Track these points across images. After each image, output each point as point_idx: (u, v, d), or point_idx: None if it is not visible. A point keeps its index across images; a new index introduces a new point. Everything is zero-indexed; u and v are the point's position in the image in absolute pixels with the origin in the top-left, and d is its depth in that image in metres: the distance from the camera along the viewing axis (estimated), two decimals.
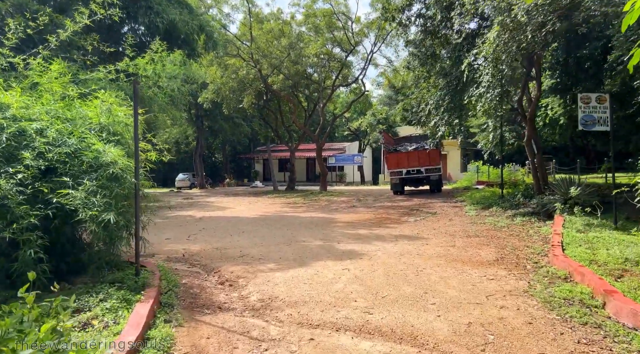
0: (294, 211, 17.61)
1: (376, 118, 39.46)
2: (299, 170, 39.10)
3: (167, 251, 9.63)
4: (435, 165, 20.33)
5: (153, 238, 11.68)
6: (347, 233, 11.29)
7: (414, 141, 23.87)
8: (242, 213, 17.10)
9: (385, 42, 23.51)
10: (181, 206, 21.11)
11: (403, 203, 18.13)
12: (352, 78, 26.33)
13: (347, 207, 18.04)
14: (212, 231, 12.36)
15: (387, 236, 10.65)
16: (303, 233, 11.62)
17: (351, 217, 14.80)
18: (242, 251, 9.23)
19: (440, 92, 14.56)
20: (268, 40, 22.05)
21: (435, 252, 8.57)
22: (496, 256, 8.09)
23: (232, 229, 12.71)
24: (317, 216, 15.28)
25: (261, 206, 20.17)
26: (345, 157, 39.46)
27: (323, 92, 26.08)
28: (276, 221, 14.38)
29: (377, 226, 12.54)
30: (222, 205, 21.20)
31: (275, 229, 12.46)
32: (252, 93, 24.88)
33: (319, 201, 20.94)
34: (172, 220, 15.91)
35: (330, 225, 12.96)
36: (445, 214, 14.57)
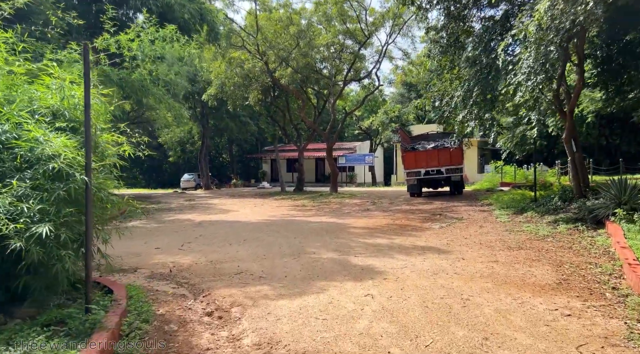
0: (303, 215, 16.05)
1: (388, 117, 37.77)
2: (307, 171, 37.57)
3: (153, 265, 8.12)
4: (457, 165, 18.66)
5: (141, 248, 10.24)
6: (364, 243, 9.70)
7: (431, 139, 22.20)
8: (246, 217, 15.57)
9: (402, 33, 21.88)
10: (181, 208, 19.66)
11: (423, 207, 16.48)
12: (365, 72, 24.73)
13: (361, 211, 16.44)
14: (209, 239, 10.84)
15: (411, 248, 9.04)
16: (313, 241, 10.05)
17: (366, 223, 13.20)
18: (241, 266, 7.69)
19: (468, 82, 12.91)
20: (276, 31, 20.53)
21: (477, 270, 6.96)
22: (556, 277, 6.45)
23: (232, 236, 11.18)
24: (328, 222, 13.70)
25: (267, 209, 18.64)
26: (356, 157, 37.83)
27: (334, 87, 24.51)
28: (283, 226, 12.84)
29: (397, 234, 10.93)
30: (226, 207, 19.71)
31: (281, 237, 10.91)
32: (258, 89, 23.37)
33: (329, 204, 19.37)
34: (168, 224, 14.44)
35: (343, 232, 11.38)
36: (473, 220, 12.91)
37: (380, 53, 23.29)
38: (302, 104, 24.38)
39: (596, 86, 14.77)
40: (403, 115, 38.64)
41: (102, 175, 4.95)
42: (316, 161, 42.58)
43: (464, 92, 13.17)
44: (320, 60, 25.26)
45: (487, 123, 13.06)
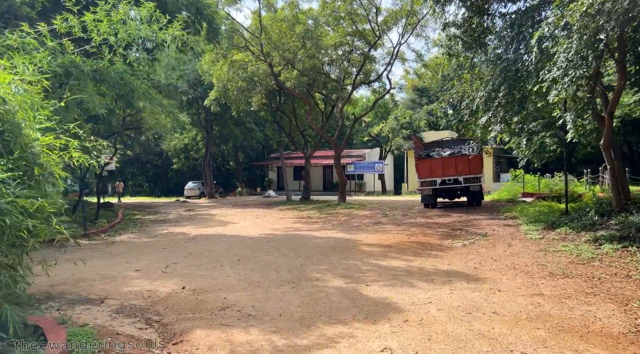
0: (308, 228, 14.67)
1: (399, 123, 36.34)
2: (314, 179, 36.23)
3: (126, 295, 6.79)
4: (476, 174, 17.18)
5: (120, 269, 8.95)
6: (377, 266, 8.29)
7: (446, 146, 20.75)
8: (245, 231, 14.24)
9: (415, 33, 20.52)
10: (178, 220, 18.39)
11: (440, 220, 15.02)
12: (375, 75, 23.38)
13: (372, 224, 15.02)
14: (199, 259, 9.51)
15: (433, 273, 7.62)
16: (317, 263, 8.67)
17: (378, 238, 11.79)
18: (228, 298, 6.33)
19: (492, 82, 11.51)
20: (281, 31, 19.29)
21: (520, 308, 5.53)
22: (628, 321, 5.01)
23: (225, 255, 9.84)
24: (336, 237, 12.31)
25: (270, 220, 17.29)
26: (365, 165, 36.41)
27: (342, 91, 23.22)
28: (284, 243, 11.47)
29: (415, 254, 9.50)
30: (226, 218, 18.40)
31: (280, 256, 9.54)
32: (262, 93, 22.13)
33: (337, 216, 17.97)
34: (159, 239, 13.16)
35: (352, 251, 9.98)
36: (499, 236, 11.45)
37: (391, 54, 21.97)
38: (309, 109, 23.06)
39: (635, 86, 13.26)
40: (414, 122, 37.19)
41: (15, 189, 3.62)
42: (324, 169, 41.24)
43: (487, 92, 11.77)
44: (328, 63, 23.98)
45: (517, 127, 11.63)
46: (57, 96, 5.19)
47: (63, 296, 6.94)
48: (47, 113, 4.56)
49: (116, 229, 15.58)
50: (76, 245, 10.52)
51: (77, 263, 8.98)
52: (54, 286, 7.45)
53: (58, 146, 4.62)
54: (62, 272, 8.41)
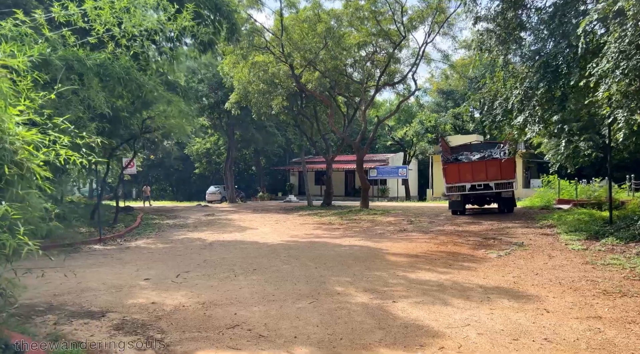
0: (329, 235, 13.97)
1: (424, 127, 35.33)
2: (336, 184, 35.52)
3: (130, 307, 6.23)
4: (508, 179, 16.16)
5: (128, 278, 8.42)
6: (405, 279, 7.53)
7: (475, 149, 19.74)
8: (264, 237, 13.63)
9: (442, 32, 19.66)
10: (197, 225, 17.95)
11: (470, 228, 14.11)
12: (400, 76, 22.60)
13: (397, 231, 14.21)
14: (213, 267, 8.92)
15: (469, 288, 6.81)
16: (338, 274, 7.96)
17: (405, 247, 10.99)
18: (238, 315, 5.68)
19: (530, 79, 10.61)
20: (302, 31, 18.73)
21: (578, 334, 4.71)
22: None
23: (241, 263, 9.23)
24: (359, 245, 11.57)
25: (289, 226, 16.67)
26: (388, 170, 35.49)
27: (365, 93, 22.49)
28: (303, 251, 10.80)
29: (446, 265, 8.69)
30: (245, 224, 17.86)
31: (299, 265, 8.87)
32: (283, 95, 21.61)
33: (359, 222, 17.21)
34: (175, 244, 12.67)
35: (377, 261, 9.23)
36: (537, 246, 10.51)
37: (417, 55, 21.12)
38: (331, 112, 22.39)
39: None
40: (440, 125, 36.10)
41: None
42: (345, 173, 40.51)
43: (523, 90, 10.88)
44: (350, 65, 23.33)
45: (556, 127, 10.69)
46: (56, 91, 4.67)
47: (64, 307, 6.43)
48: (33, 106, 4.03)
49: (133, 234, 15.22)
50: (70, 254, 10.15)
51: (75, 273, 8.56)
52: (57, 295, 6.98)
53: (47, 142, 4.08)
54: (68, 280, 7.96)
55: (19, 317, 6.18)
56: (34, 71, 4.88)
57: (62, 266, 9.69)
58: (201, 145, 41.14)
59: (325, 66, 19.31)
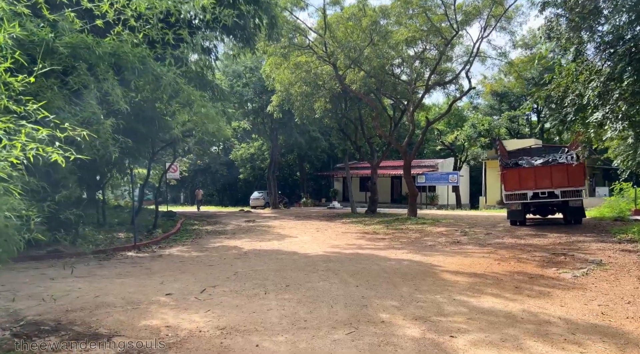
0: (373, 246, 12.81)
1: (476, 130, 33.27)
2: (381, 190, 34.10)
3: (140, 331, 5.42)
4: (577, 187, 14.32)
5: (149, 292, 7.61)
6: (464, 304, 6.28)
7: (535, 154, 17.89)
8: (303, 247, 12.68)
9: (499, 26, 17.99)
10: (235, 231, 17.29)
11: (534, 241, 12.50)
12: (452, 75, 21.08)
13: (450, 243, 12.82)
14: (242, 282, 8.03)
15: (546, 321, 5.49)
16: (383, 296, 6.83)
17: (460, 263, 9.66)
18: (261, 347, 4.71)
19: (611, 70, 9.05)
20: (347, 29, 17.74)
21: None
22: None
23: (273, 278, 8.28)
24: (407, 259, 10.34)
25: (331, 235, 15.63)
26: (437, 176, 33.71)
27: (413, 94, 21.16)
28: (344, 264, 9.72)
29: (513, 288, 7.33)
30: (285, 231, 17.01)
31: (338, 282, 7.81)
32: (326, 97, 20.69)
33: (407, 232, 15.90)
34: (210, 253, 11.96)
35: (429, 280, 8.00)
36: (620, 266, 8.88)
37: (470, 52, 19.55)
38: (376, 114, 21.18)
39: None
40: (494, 129, 33.89)
41: None
42: (391, 179, 39.02)
43: (602, 83, 9.29)
44: (397, 65, 22.09)
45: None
46: (36, 73, 3.92)
47: (71, 326, 5.72)
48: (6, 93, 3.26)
49: (169, 240, 14.74)
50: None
51: (98, 284, 7.94)
52: (69, 312, 6.30)
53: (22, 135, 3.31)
54: (88, 292, 7.33)
55: (19, 338, 5.54)
56: (37, 58, 4.17)
57: (89, 275, 9.19)
58: (245, 151, 41.06)
59: (371, 64, 18.16)
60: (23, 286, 7.80)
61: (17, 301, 6.84)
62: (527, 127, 41.52)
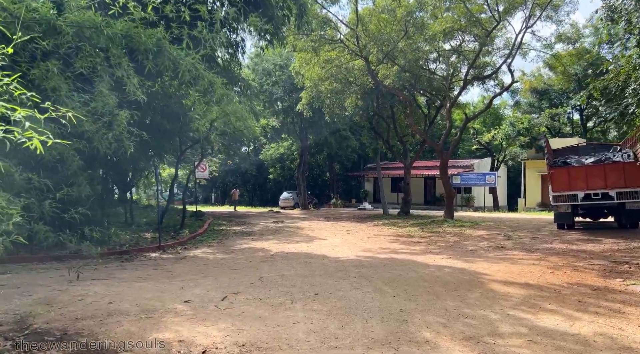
0: (409, 250, 11.93)
1: (515, 129, 31.66)
2: (414, 191, 32.93)
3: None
4: (635, 187, 13.01)
5: (166, 299, 7.00)
6: (522, 323, 5.39)
7: (583, 152, 16.55)
8: (333, 250, 11.93)
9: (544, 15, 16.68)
10: (263, 233, 16.73)
11: (587, 247, 11.33)
12: (492, 69, 19.88)
13: (492, 248, 11.81)
14: (267, 289, 7.36)
15: (628, 350, 4.54)
16: (425, 309, 6.01)
17: (508, 272, 8.69)
18: None
19: None
20: (380, 21, 16.87)
21: None
22: None
23: (301, 285, 7.58)
24: (448, 266, 9.43)
25: (362, 237, 14.83)
26: (473, 176, 32.29)
27: (450, 90, 20.07)
28: (378, 270, 8.92)
29: (574, 302, 6.36)
30: (314, 233, 16.32)
31: (372, 291, 7.03)
32: (357, 93, 19.88)
33: (444, 235, 14.91)
34: (235, 255, 11.39)
35: (475, 291, 7.11)
36: None
37: (512, 44, 18.31)
38: (410, 110, 20.20)
39: None
40: (533, 127, 32.16)
41: None
42: (425, 180, 37.77)
43: None
44: (432, 60, 21.03)
45: None
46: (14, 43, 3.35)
47: (77, 337, 5.18)
48: None
49: (195, 241, 14.29)
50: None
51: (115, 288, 7.42)
52: (78, 319, 5.78)
53: None
54: (103, 297, 6.83)
55: (19, 349, 5.05)
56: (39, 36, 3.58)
57: (108, 277, 8.75)
58: (275, 151, 40.73)
59: (406, 58, 17.19)
60: (39, 289, 7.38)
61: (28, 305, 6.41)
62: (569, 126, 39.40)
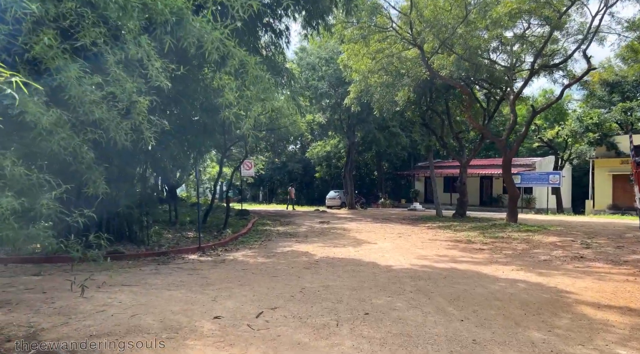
0: (471, 259, 10.56)
1: (583, 125, 28.89)
2: (469, 192, 30.95)
3: None
4: None
5: (197, 312, 6.04)
6: None
7: None
8: (384, 256, 10.78)
9: None
10: (307, 234, 15.80)
11: None
12: (561, 56, 17.83)
13: (571, 259, 10.20)
14: (310, 304, 6.36)
15: None
16: (507, 343, 4.78)
17: (598, 290, 7.20)
18: None
19: None
20: (436, 6, 15.39)
21: None
22: None
23: (348, 300, 6.52)
24: (522, 280, 8.04)
25: (416, 242, 13.54)
26: (535, 176, 29.85)
27: (513, 81, 18.25)
28: (438, 283, 7.69)
29: None
30: (362, 235, 15.19)
31: (434, 312, 5.86)
32: (410, 85, 18.49)
33: (509, 241, 13.33)
34: (276, 260, 10.50)
35: (563, 316, 5.76)
36: None
37: (587, 28, 16.23)
38: (469, 102, 18.54)
39: None
40: (604, 123, 29.23)
41: None
42: (480, 180, 35.55)
43: None
44: (492, 49, 19.25)
45: None
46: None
47: None
48: None
49: (237, 242, 13.58)
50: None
51: (142, 297, 6.66)
52: (92, 337, 5.03)
53: None
54: (127, 308, 6.09)
55: None
56: None
57: (138, 283, 8.10)
58: (321, 149, 39.86)
59: (466, 44, 15.58)
60: (64, 295, 6.75)
61: (46, 315, 5.79)
62: None
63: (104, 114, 4.65)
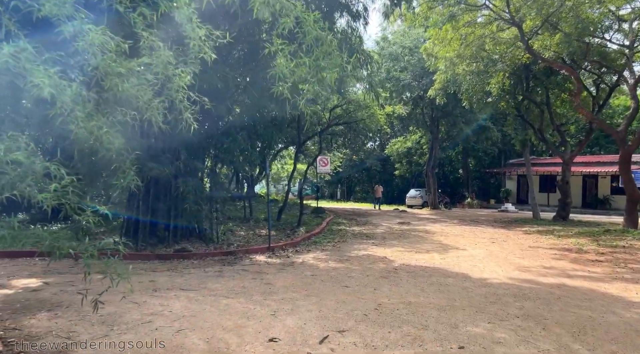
0: (587, 274, 8.62)
1: None
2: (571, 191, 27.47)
3: None
4: None
5: (252, 330, 5.02)
6: None
7: None
8: (476, 266, 9.20)
9: None
10: (386, 236, 14.48)
11: None
12: None
13: None
14: (387, 328, 5.16)
15: None
16: None
17: None
18: None
19: None
20: None
21: None
22: None
23: (435, 326, 5.22)
24: None
25: (513, 249, 11.66)
26: None
27: (632, 61, 15.36)
28: (551, 307, 6.08)
29: None
30: (448, 240, 13.55)
31: (556, 350, 4.36)
32: (505, 71, 16.28)
33: (633, 252, 10.98)
34: (349, 265, 9.38)
35: None
36: None
37: None
38: (578, 89, 15.93)
39: None
40: None
41: None
42: (583, 179, 31.54)
43: None
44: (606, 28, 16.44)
45: None
46: None
47: None
48: None
49: (309, 243, 12.68)
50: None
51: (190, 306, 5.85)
52: None
53: None
54: (175, 320, 5.36)
55: None
56: None
57: (197, 287, 7.42)
58: (402, 145, 38.02)
59: (578, 18, 13.18)
60: (115, 299, 6.12)
61: (89, 325, 5.21)
62: None
63: (133, 89, 3.82)
